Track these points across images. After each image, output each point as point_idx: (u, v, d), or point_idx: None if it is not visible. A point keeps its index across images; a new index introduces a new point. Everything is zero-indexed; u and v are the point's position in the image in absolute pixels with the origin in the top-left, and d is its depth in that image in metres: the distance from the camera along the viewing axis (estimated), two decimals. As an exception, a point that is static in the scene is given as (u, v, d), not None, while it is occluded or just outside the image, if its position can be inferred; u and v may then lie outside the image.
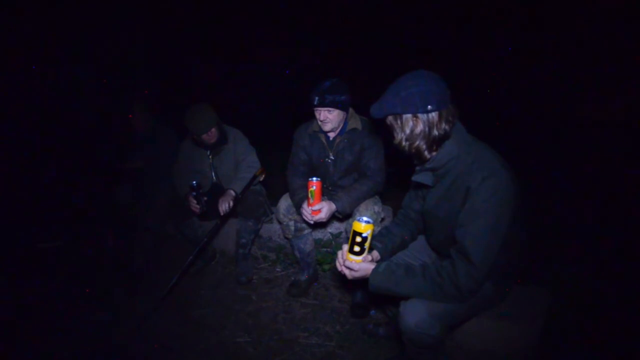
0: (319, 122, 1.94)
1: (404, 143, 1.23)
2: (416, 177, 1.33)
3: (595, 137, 5.44)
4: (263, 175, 2.45)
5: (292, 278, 2.36)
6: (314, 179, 1.83)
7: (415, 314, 1.22)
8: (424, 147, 1.22)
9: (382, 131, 1.90)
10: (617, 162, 4.28)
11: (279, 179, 2.36)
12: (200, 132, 2.25)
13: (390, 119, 1.24)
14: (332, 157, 2.06)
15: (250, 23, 11.13)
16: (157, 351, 1.81)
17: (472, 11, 9.68)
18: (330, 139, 2.05)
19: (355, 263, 1.28)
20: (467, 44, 9.74)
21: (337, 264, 1.35)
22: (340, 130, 2.02)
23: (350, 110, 2.03)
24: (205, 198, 2.30)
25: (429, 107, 1.16)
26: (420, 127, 1.19)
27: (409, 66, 1.32)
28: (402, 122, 1.21)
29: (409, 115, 1.19)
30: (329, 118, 1.90)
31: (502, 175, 1.15)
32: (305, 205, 1.91)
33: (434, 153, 1.24)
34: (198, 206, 2.25)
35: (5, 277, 2.44)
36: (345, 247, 1.31)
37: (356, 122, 2.01)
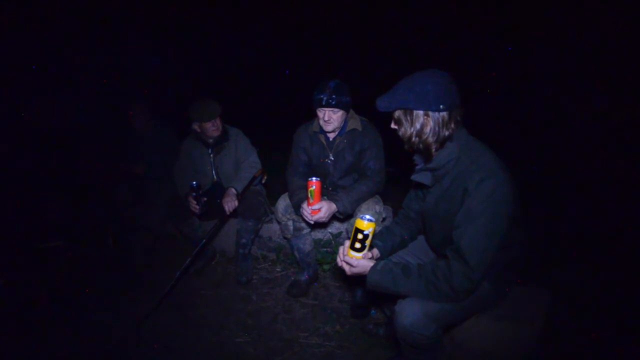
0: (322, 122, 1.94)
1: (414, 138, 1.22)
2: (415, 177, 1.33)
3: (595, 136, 5.44)
4: (265, 177, 2.45)
5: (292, 278, 2.36)
6: (314, 178, 1.83)
7: (410, 313, 1.22)
8: (433, 144, 1.22)
9: (382, 132, 1.91)
10: (616, 162, 4.28)
11: (279, 180, 2.37)
12: (206, 119, 2.27)
13: (399, 113, 1.23)
14: (332, 158, 2.05)
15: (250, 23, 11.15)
16: (157, 351, 1.81)
17: (471, 11, 9.69)
18: (330, 139, 2.05)
19: (355, 259, 1.29)
20: (466, 44, 9.74)
21: (338, 259, 1.36)
22: (340, 131, 2.02)
23: (350, 110, 2.03)
24: (205, 199, 2.30)
25: (442, 106, 1.16)
26: (430, 125, 1.19)
27: (408, 67, 1.32)
28: (412, 118, 1.20)
29: (421, 112, 1.19)
30: (333, 118, 1.91)
31: (500, 177, 1.15)
32: (304, 205, 1.90)
33: (436, 152, 1.24)
34: (198, 207, 2.25)
35: (5, 277, 2.44)
36: (347, 242, 1.32)
37: (356, 123, 2.01)
